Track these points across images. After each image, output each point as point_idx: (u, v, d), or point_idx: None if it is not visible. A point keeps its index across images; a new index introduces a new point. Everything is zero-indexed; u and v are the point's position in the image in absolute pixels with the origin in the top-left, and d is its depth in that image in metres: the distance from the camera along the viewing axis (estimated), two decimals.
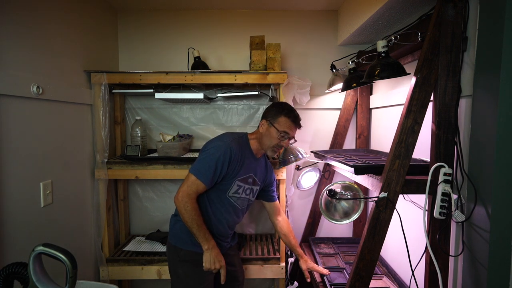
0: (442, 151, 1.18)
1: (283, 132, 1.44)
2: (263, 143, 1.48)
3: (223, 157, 1.36)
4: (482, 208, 1.05)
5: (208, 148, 1.40)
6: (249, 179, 1.49)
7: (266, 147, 1.47)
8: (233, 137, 1.46)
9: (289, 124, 1.45)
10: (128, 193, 2.22)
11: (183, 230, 1.44)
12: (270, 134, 1.45)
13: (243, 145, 1.47)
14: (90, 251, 1.82)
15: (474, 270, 1.10)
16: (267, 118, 1.47)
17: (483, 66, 1.06)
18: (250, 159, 1.48)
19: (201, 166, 1.37)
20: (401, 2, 1.42)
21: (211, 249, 1.37)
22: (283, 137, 1.45)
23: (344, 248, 2.04)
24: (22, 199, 1.31)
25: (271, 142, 1.45)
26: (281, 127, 1.43)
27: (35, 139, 1.39)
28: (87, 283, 1.06)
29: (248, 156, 1.47)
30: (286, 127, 1.44)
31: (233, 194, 1.47)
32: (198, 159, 1.40)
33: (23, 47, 1.33)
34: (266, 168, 1.61)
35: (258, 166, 1.55)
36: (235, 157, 1.39)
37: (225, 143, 1.39)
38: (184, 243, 1.45)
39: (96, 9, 1.92)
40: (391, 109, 1.83)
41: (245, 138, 1.50)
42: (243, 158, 1.44)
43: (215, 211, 1.46)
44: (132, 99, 2.19)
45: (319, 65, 2.19)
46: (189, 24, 2.18)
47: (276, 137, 1.44)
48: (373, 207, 1.21)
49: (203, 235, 1.36)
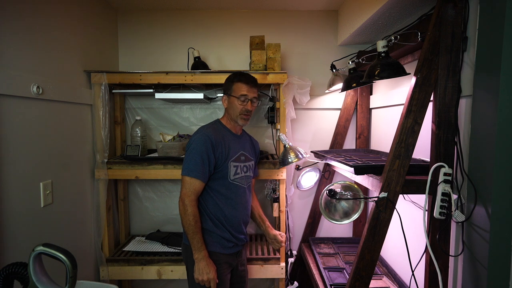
0: (442, 151, 1.18)
1: (241, 96, 1.46)
2: (230, 115, 1.51)
3: (204, 147, 1.39)
4: (482, 208, 1.05)
5: (189, 146, 1.44)
6: (241, 157, 1.53)
7: (235, 117, 1.49)
8: (207, 126, 1.50)
9: (242, 86, 1.47)
10: (128, 193, 2.22)
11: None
12: (232, 104, 1.48)
13: (219, 128, 1.50)
14: (90, 251, 1.82)
15: (474, 270, 1.10)
16: (225, 93, 1.52)
17: (483, 66, 1.06)
18: (233, 139, 1.52)
19: (189, 164, 1.40)
20: (401, 2, 1.42)
21: (200, 259, 1.37)
22: (244, 101, 1.47)
23: (344, 248, 2.04)
24: (22, 199, 1.31)
25: (236, 111, 1.48)
26: (237, 93, 1.47)
27: (35, 139, 1.39)
28: (87, 283, 1.06)
29: (229, 137, 1.50)
30: (242, 90, 1.46)
31: (234, 177, 1.49)
32: (184, 160, 1.43)
33: (23, 47, 1.33)
34: (252, 143, 1.66)
35: (244, 143, 1.59)
36: (216, 142, 1.42)
37: (201, 134, 1.43)
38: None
39: (96, 9, 1.92)
40: (391, 109, 1.83)
41: (218, 122, 1.55)
42: (225, 140, 1.47)
43: (226, 201, 1.47)
44: (132, 99, 2.19)
45: (319, 65, 2.20)
46: (189, 24, 2.19)
47: (238, 105, 1.47)
48: (373, 207, 1.21)
49: (196, 243, 1.38)
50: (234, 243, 1.50)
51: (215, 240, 1.46)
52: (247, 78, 1.50)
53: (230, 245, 1.49)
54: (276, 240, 1.66)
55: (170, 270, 1.84)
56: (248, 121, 1.53)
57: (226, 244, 1.47)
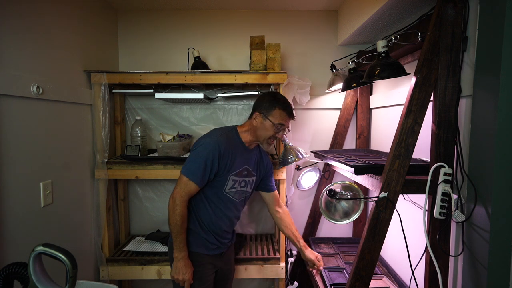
0: (442, 151, 1.18)
1: (278, 125, 1.42)
2: (258, 135, 1.45)
3: (211, 154, 1.35)
4: (482, 208, 1.05)
5: (197, 146, 1.39)
6: (243, 172, 1.48)
7: (261, 139, 1.45)
8: (221, 132, 1.44)
9: (284, 116, 1.42)
10: (128, 193, 2.22)
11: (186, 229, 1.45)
12: (265, 127, 1.42)
13: (233, 138, 1.44)
14: (90, 251, 1.82)
15: (474, 270, 1.10)
16: (261, 111, 1.43)
17: (483, 66, 1.06)
18: (242, 152, 1.46)
19: (191, 166, 1.36)
20: (401, 2, 1.42)
21: (179, 259, 1.38)
22: (279, 129, 1.43)
23: (344, 248, 2.04)
24: (22, 199, 1.31)
25: (266, 134, 1.43)
26: (277, 120, 1.41)
27: (35, 139, 1.39)
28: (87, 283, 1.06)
29: (239, 149, 1.45)
30: (282, 119, 1.42)
31: (229, 190, 1.46)
32: (188, 159, 1.39)
33: (23, 47, 1.33)
34: (261, 158, 1.59)
35: (252, 157, 1.53)
36: (225, 152, 1.37)
37: (213, 140, 1.38)
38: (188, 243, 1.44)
39: (96, 9, 1.92)
40: (391, 109, 1.83)
41: (234, 131, 1.48)
42: (234, 152, 1.41)
43: (214, 209, 1.46)
44: (132, 99, 2.19)
45: (319, 65, 2.19)
46: (189, 24, 2.18)
47: (271, 130, 1.42)
48: (373, 207, 1.21)
49: (179, 243, 1.37)
50: (217, 246, 1.50)
51: (199, 242, 1.45)
52: (290, 108, 1.45)
53: (214, 247, 1.48)
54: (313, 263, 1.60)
55: (170, 270, 1.84)
56: (271, 146, 1.49)
57: (210, 246, 1.47)
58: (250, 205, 2.27)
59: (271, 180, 1.66)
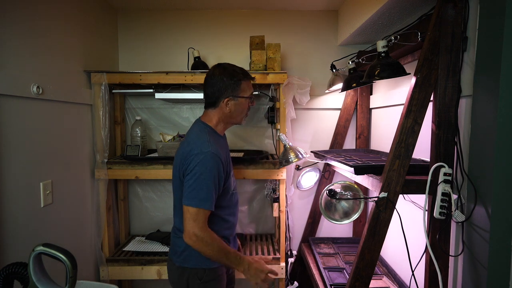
0: (442, 151, 1.18)
1: (251, 96, 1.34)
2: (235, 118, 1.33)
3: (216, 170, 1.19)
4: (482, 208, 1.05)
5: (193, 166, 1.18)
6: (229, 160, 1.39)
7: (239, 119, 1.35)
8: (205, 139, 1.24)
9: (249, 84, 1.34)
10: (128, 193, 2.22)
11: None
12: (241, 106, 1.31)
13: (215, 137, 1.30)
14: (90, 251, 1.82)
15: (474, 270, 1.10)
16: (228, 95, 1.27)
17: (483, 66, 1.06)
18: (223, 143, 1.37)
19: (199, 194, 1.17)
20: (401, 2, 1.42)
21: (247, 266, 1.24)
22: (252, 100, 1.36)
23: (344, 248, 2.04)
24: (22, 199, 1.31)
25: (243, 113, 1.34)
26: (248, 92, 1.32)
27: (35, 139, 1.39)
28: (87, 283, 1.06)
29: (221, 142, 1.34)
30: (250, 88, 1.34)
31: (234, 186, 1.40)
32: (190, 186, 1.18)
33: (23, 47, 1.33)
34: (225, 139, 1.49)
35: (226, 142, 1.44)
36: (224, 159, 1.24)
37: (208, 155, 1.18)
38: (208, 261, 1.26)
39: (96, 9, 1.92)
40: (391, 109, 1.83)
41: (209, 128, 1.31)
42: (224, 150, 1.31)
43: (229, 215, 1.36)
44: (132, 99, 2.19)
45: (319, 65, 2.20)
46: (189, 24, 2.18)
47: (247, 105, 1.33)
48: (373, 207, 1.21)
49: (234, 258, 1.22)
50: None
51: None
52: (249, 74, 1.35)
53: None
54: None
55: None
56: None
57: None
58: (250, 205, 2.27)
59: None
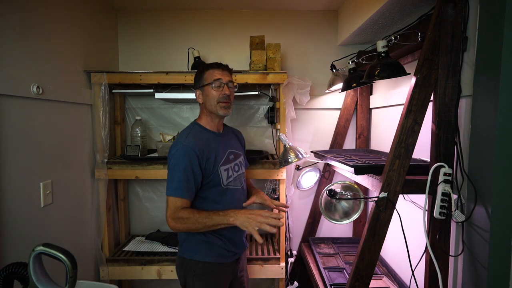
0: (442, 151, 1.18)
1: (215, 81, 1.34)
2: (209, 108, 1.37)
3: (187, 160, 1.25)
4: (482, 208, 1.05)
5: (169, 161, 1.30)
6: (230, 157, 1.41)
7: (213, 107, 1.35)
8: (184, 134, 1.35)
9: (214, 71, 1.36)
10: (128, 193, 2.22)
11: (198, 240, 1.35)
12: (208, 95, 1.35)
13: (199, 133, 1.36)
14: (90, 251, 1.82)
15: (474, 270, 1.10)
16: (197, 87, 1.39)
17: (483, 66, 1.06)
18: (216, 140, 1.38)
19: (172, 183, 1.26)
20: (401, 2, 1.42)
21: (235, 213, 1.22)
22: (220, 86, 1.34)
23: (344, 248, 2.04)
24: (22, 199, 1.31)
25: (213, 100, 1.34)
26: (210, 79, 1.34)
27: (35, 139, 1.39)
28: (87, 283, 1.06)
29: (212, 139, 1.37)
30: (213, 75, 1.35)
31: (228, 181, 1.38)
32: (168, 178, 1.29)
33: (23, 47, 1.33)
34: (236, 136, 1.56)
35: (229, 139, 1.47)
36: (200, 150, 1.28)
37: (180, 147, 1.27)
38: (203, 254, 1.34)
39: (96, 9, 1.92)
40: (391, 109, 1.83)
41: (196, 126, 1.39)
42: (208, 144, 1.33)
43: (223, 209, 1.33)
44: (132, 99, 2.19)
45: (319, 65, 2.20)
46: (189, 24, 2.18)
47: (214, 92, 1.34)
48: (373, 207, 1.21)
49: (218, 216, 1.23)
50: (234, 252, 1.41)
51: (215, 251, 1.35)
52: (217, 63, 1.39)
53: (231, 254, 1.40)
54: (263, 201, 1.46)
55: (170, 270, 1.84)
56: (229, 109, 1.37)
57: (226, 254, 1.38)
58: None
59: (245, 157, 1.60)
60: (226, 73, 1.38)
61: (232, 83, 1.40)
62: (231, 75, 1.41)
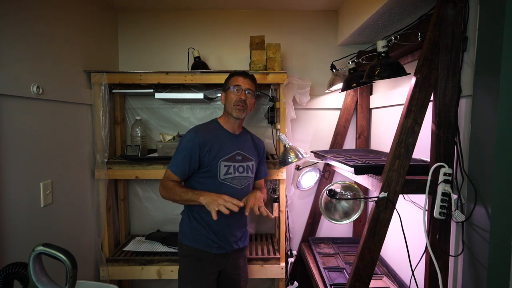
0: (442, 151, 1.18)
1: (235, 86, 1.49)
2: (227, 109, 1.52)
3: (189, 144, 1.42)
4: (482, 208, 1.05)
5: (180, 142, 1.48)
6: (237, 157, 1.50)
7: (230, 109, 1.50)
8: (201, 124, 1.55)
9: (236, 78, 1.52)
10: (128, 193, 2.22)
11: (187, 225, 1.50)
12: (228, 97, 1.51)
13: (213, 127, 1.53)
14: (90, 251, 1.82)
15: (474, 270, 1.10)
16: (223, 90, 1.57)
17: (483, 66, 1.06)
18: (227, 138, 1.51)
19: (172, 159, 1.45)
20: (401, 2, 1.42)
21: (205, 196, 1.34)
22: (238, 91, 1.49)
23: (344, 248, 2.04)
24: (22, 199, 1.31)
25: (231, 102, 1.49)
26: (232, 84, 1.51)
27: (35, 139, 1.39)
28: (87, 283, 1.06)
29: (223, 135, 1.51)
30: (235, 81, 1.51)
31: (225, 177, 1.46)
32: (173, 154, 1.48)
33: (23, 47, 1.33)
34: (253, 142, 1.63)
35: (244, 142, 1.56)
36: (205, 140, 1.44)
37: (190, 132, 1.47)
38: (187, 238, 1.49)
39: (96, 9, 1.92)
40: (391, 109, 1.83)
41: (215, 121, 1.57)
42: (216, 138, 1.48)
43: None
44: (132, 99, 2.19)
45: (319, 65, 2.19)
46: (189, 24, 2.18)
47: (232, 96, 1.49)
48: (373, 207, 1.21)
49: (192, 194, 1.37)
50: (219, 245, 1.47)
51: (201, 239, 1.46)
52: (243, 72, 1.55)
53: (216, 246, 1.47)
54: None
55: (170, 270, 1.84)
56: (243, 112, 1.49)
57: (211, 244, 1.46)
58: None
59: (263, 167, 1.68)
60: (247, 81, 1.52)
61: (251, 91, 1.52)
62: (253, 84, 1.55)
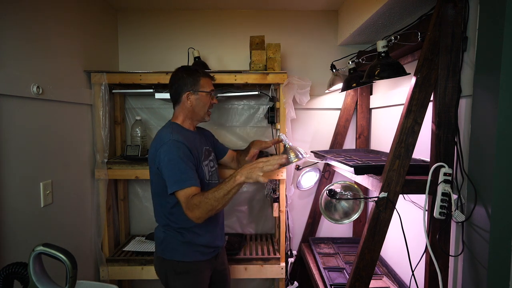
0: (442, 151, 1.18)
1: (211, 92, 1.44)
2: (197, 113, 1.42)
3: (182, 152, 1.27)
4: (482, 208, 1.05)
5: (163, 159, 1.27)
6: (206, 153, 1.48)
7: (202, 114, 1.43)
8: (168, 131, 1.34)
9: (210, 82, 1.45)
10: (128, 193, 2.22)
11: (177, 241, 1.37)
12: (201, 100, 1.41)
13: (181, 131, 1.39)
14: (90, 251, 1.82)
15: (474, 270, 1.10)
16: (188, 89, 1.39)
17: (483, 66, 1.06)
18: (193, 138, 1.42)
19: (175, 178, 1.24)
20: (401, 2, 1.42)
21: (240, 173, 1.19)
22: (213, 96, 1.46)
23: (344, 248, 2.04)
24: (22, 199, 1.31)
25: (205, 107, 1.42)
26: (207, 88, 1.42)
27: (35, 139, 1.39)
28: (87, 283, 1.06)
29: (191, 137, 1.41)
30: (210, 85, 1.44)
31: (209, 176, 1.44)
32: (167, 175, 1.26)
33: (23, 47, 1.33)
34: (203, 134, 1.59)
35: (201, 137, 1.52)
36: (189, 145, 1.32)
37: (170, 143, 1.28)
38: (182, 254, 1.37)
39: (96, 9, 1.92)
40: (391, 109, 1.83)
41: (175, 125, 1.40)
42: (191, 141, 1.37)
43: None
44: (132, 99, 2.19)
45: (319, 65, 2.19)
46: (189, 24, 2.18)
47: (208, 100, 1.43)
48: (373, 207, 1.21)
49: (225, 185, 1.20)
50: (213, 249, 1.46)
51: (194, 250, 1.38)
52: (209, 73, 1.49)
53: (210, 251, 1.44)
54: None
55: None
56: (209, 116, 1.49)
57: (205, 251, 1.41)
58: (250, 205, 2.27)
59: (219, 144, 1.68)
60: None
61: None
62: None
